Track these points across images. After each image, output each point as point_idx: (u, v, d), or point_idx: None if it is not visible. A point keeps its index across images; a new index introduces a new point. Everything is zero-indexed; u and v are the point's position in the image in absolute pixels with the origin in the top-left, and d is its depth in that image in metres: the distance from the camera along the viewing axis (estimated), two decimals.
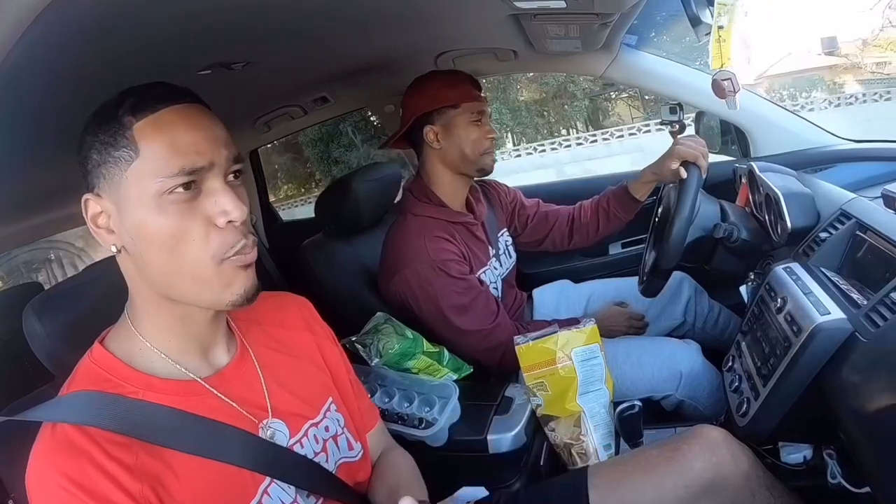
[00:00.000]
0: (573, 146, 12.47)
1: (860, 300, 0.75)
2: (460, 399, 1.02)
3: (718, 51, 1.04)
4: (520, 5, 1.00)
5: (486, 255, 1.31)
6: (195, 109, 0.59)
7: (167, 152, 0.55)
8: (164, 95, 0.57)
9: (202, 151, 0.56)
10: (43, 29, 0.51)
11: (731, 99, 1.11)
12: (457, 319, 1.18)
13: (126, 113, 0.56)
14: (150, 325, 0.62)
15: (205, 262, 0.57)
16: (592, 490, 0.82)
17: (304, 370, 0.73)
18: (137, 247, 0.57)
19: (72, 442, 0.54)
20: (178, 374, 0.62)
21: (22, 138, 0.82)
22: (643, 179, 1.32)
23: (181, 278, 0.57)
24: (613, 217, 1.40)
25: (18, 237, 1.32)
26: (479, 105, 1.26)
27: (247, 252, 0.59)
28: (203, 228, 0.56)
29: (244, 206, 0.58)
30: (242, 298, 0.60)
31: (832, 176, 1.40)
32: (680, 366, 1.18)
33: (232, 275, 0.58)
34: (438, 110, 1.24)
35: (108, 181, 0.57)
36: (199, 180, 0.56)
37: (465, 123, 1.25)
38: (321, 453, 0.70)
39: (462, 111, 1.24)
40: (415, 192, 1.29)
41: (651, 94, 9.10)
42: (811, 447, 0.89)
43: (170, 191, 0.55)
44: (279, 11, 0.83)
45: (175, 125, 0.56)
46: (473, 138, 1.25)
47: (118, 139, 0.55)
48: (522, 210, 1.49)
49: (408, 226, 1.24)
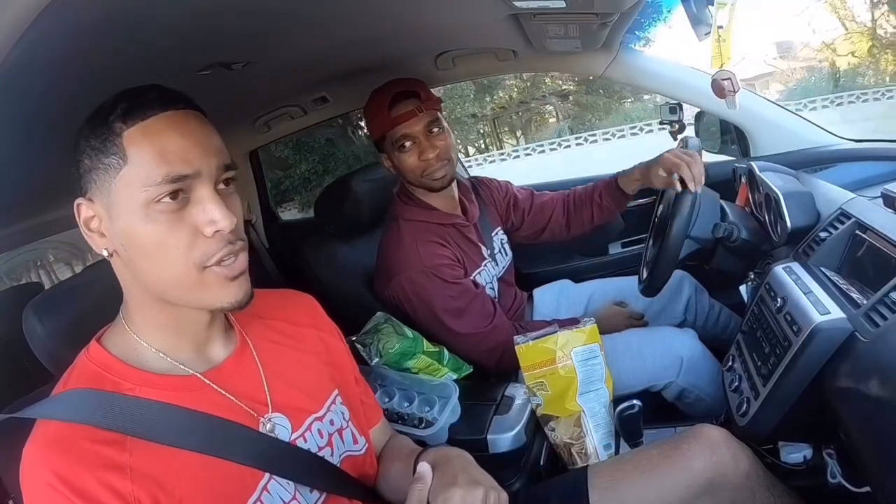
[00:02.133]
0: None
1: (860, 300, 0.75)
2: (460, 399, 1.02)
3: (718, 51, 1.04)
4: (519, 5, 1.00)
5: (480, 257, 1.31)
6: (186, 116, 0.58)
7: (154, 160, 0.54)
8: (155, 101, 0.56)
9: (189, 160, 0.55)
10: (43, 29, 0.51)
11: (731, 99, 1.12)
12: (453, 323, 1.18)
13: (117, 119, 0.55)
14: (145, 325, 0.62)
15: (187, 269, 0.56)
16: (592, 490, 0.83)
17: (308, 363, 0.73)
18: (128, 252, 0.57)
19: (63, 440, 0.53)
20: (176, 369, 0.62)
21: (22, 138, 0.81)
22: (632, 177, 1.31)
23: (168, 284, 0.57)
24: (606, 209, 1.39)
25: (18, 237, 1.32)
26: (401, 129, 1.17)
27: (232, 263, 0.58)
28: (189, 237, 0.56)
29: (233, 215, 0.57)
30: (232, 306, 0.59)
31: (832, 176, 1.40)
32: (680, 351, 1.19)
33: (217, 284, 0.58)
34: (378, 140, 1.22)
35: (99, 187, 0.57)
36: (186, 188, 0.55)
37: (394, 152, 1.20)
38: (326, 447, 0.69)
39: (388, 141, 1.19)
40: (402, 196, 1.29)
41: (650, 94, 9.11)
42: (811, 447, 0.89)
43: (157, 200, 0.54)
44: (279, 11, 0.83)
45: (163, 133, 0.55)
46: (406, 166, 1.20)
47: (108, 146, 0.55)
48: (517, 204, 1.47)
49: (400, 232, 1.23)
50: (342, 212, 1.37)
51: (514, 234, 1.49)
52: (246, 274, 0.60)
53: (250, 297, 0.61)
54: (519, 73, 11.14)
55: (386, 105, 1.17)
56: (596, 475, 0.85)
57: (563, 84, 12.72)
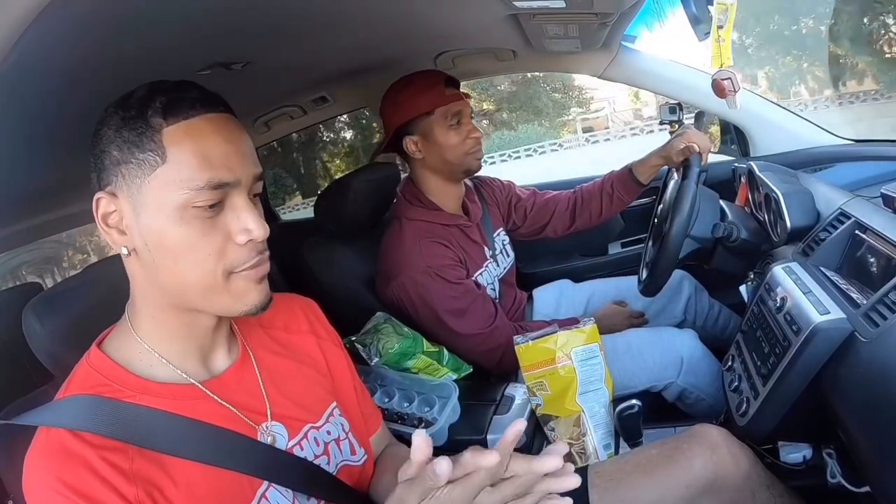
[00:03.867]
0: None
1: (859, 300, 0.75)
2: (460, 399, 1.02)
3: (718, 51, 1.04)
4: (519, 5, 1.00)
5: (482, 257, 1.31)
6: (228, 121, 0.57)
7: (197, 163, 0.53)
8: (198, 101, 0.55)
9: (232, 167, 0.55)
10: (43, 29, 0.51)
11: (731, 98, 1.12)
12: (454, 324, 1.18)
13: (156, 114, 0.53)
14: (151, 328, 0.61)
15: (215, 275, 0.56)
16: (592, 489, 0.83)
17: (306, 376, 0.73)
18: (151, 253, 0.56)
19: (66, 447, 0.53)
20: (177, 377, 0.61)
21: (22, 138, 0.81)
22: (650, 163, 1.32)
23: (191, 288, 0.57)
24: (617, 199, 1.40)
25: (18, 237, 1.32)
26: (455, 106, 1.21)
27: (260, 266, 0.58)
28: (221, 243, 0.56)
29: (266, 225, 0.57)
30: (255, 309, 0.59)
31: (832, 176, 1.40)
32: (680, 350, 1.20)
33: (244, 288, 0.58)
34: (414, 120, 1.22)
35: (128, 182, 0.54)
36: (224, 195, 0.55)
37: (443, 129, 1.21)
38: (322, 455, 0.69)
39: (437, 117, 1.21)
40: (407, 195, 1.29)
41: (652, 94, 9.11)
42: (811, 446, 0.89)
43: (195, 204, 0.54)
44: (279, 11, 0.83)
45: (208, 136, 0.54)
46: (453, 143, 1.22)
47: (144, 141, 0.53)
48: (519, 203, 1.48)
49: (403, 232, 1.23)
50: (342, 212, 1.37)
51: (515, 233, 1.49)
52: (266, 280, 0.61)
53: (270, 300, 0.61)
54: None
55: (441, 83, 1.21)
56: (596, 475, 0.85)
57: (485, 103, 12.67)
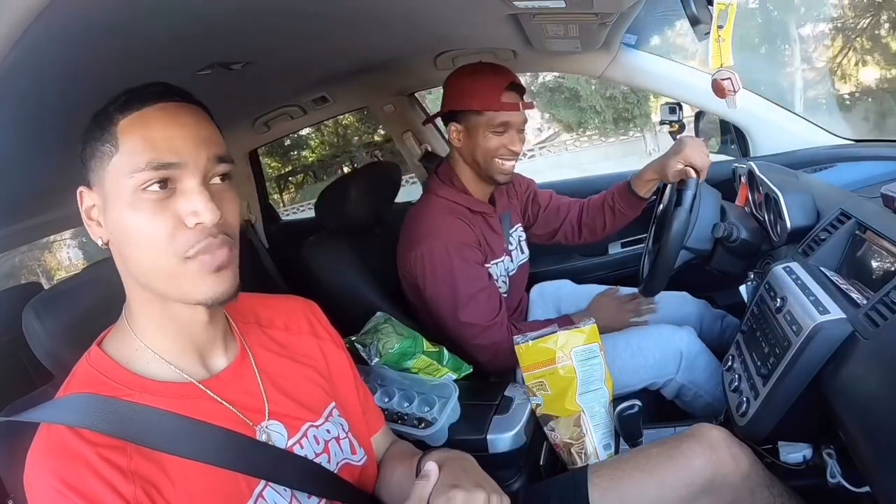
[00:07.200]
0: None
1: (860, 300, 0.75)
2: (460, 399, 1.01)
3: (718, 51, 1.04)
4: (519, 5, 1.00)
5: (500, 248, 1.32)
6: (180, 107, 0.58)
7: (140, 147, 0.55)
8: (155, 94, 0.57)
9: (176, 149, 0.56)
10: (43, 29, 0.51)
11: (731, 99, 1.11)
12: (458, 308, 1.18)
13: (116, 109, 0.57)
14: (145, 325, 0.61)
15: (167, 258, 0.56)
16: (592, 489, 0.83)
17: (305, 375, 0.73)
18: (118, 242, 0.58)
19: (66, 444, 0.53)
20: (175, 376, 0.61)
21: (22, 138, 0.82)
22: (645, 177, 1.31)
23: (153, 274, 0.57)
24: (619, 214, 1.40)
25: (18, 237, 1.32)
26: (508, 115, 1.20)
27: (214, 251, 0.56)
28: (171, 227, 0.55)
29: (217, 209, 0.56)
30: (208, 300, 0.58)
31: (832, 176, 1.40)
32: (679, 345, 1.21)
33: (198, 273, 0.57)
34: (465, 111, 1.22)
35: (98, 175, 0.58)
36: (174, 178, 0.56)
37: (485, 131, 1.21)
38: (322, 454, 0.69)
39: (485, 119, 1.20)
40: (441, 175, 1.30)
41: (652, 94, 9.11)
42: (811, 447, 0.89)
43: (143, 187, 0.55)
44: (278, 11, 0.83)
45: (154, 122, 0.56)
46: (489, 147, 1.21)
47: (104, 134, 0.57)
48: (535, 200, 1.49)
49: (430, 204, 1.25)
50: (342, 212, 1.37)
51: (529, 231, 1.49)
52: (230, 270, 0.59)
53: (233, 295, 0.59)
54: (328, 130, 11.11)
55: (503, 87, 1.20)
56: (596, 475, 0.85)
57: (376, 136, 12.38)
